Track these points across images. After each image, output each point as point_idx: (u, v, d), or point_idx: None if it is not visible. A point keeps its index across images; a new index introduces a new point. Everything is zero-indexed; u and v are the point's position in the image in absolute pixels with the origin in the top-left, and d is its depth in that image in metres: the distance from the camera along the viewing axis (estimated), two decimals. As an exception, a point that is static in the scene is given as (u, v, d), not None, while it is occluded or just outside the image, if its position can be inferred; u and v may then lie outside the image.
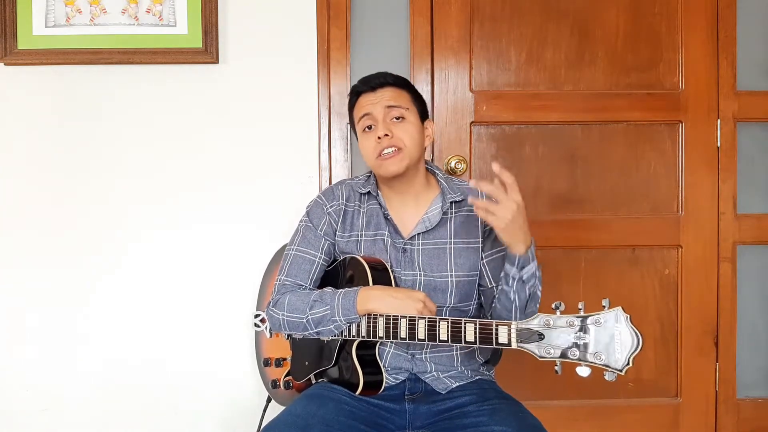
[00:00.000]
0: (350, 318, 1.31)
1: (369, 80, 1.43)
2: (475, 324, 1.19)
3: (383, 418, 1.33)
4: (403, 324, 1.26)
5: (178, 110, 1.91)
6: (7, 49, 1.85)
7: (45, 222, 1.91)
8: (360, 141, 1.43)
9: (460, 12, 1.96)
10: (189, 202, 1.92)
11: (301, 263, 1.43)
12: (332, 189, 1.50)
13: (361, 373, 1.31)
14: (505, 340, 1.15)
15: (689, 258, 2.01)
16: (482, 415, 1.26)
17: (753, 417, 2.04)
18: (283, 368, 1.52)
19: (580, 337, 1.09)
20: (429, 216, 1.42)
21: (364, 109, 1.41)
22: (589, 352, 1.08)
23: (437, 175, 1.48)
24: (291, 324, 1.37)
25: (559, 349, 1.10)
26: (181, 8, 1.87)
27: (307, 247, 1.44)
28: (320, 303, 1.34)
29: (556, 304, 1.13)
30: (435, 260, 1.40)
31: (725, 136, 2.00)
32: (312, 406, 1.26)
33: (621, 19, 1.99)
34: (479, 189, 1.27)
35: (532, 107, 1.98)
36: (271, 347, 1.56)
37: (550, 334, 1.11)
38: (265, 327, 1.56)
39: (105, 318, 1.92)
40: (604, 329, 1.08)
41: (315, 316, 1.34)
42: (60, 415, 1.93)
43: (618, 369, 1.07)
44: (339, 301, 1.32)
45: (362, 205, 1.46)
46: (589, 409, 2.03)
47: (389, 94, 1.40)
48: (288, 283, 1.42)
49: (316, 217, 1.46)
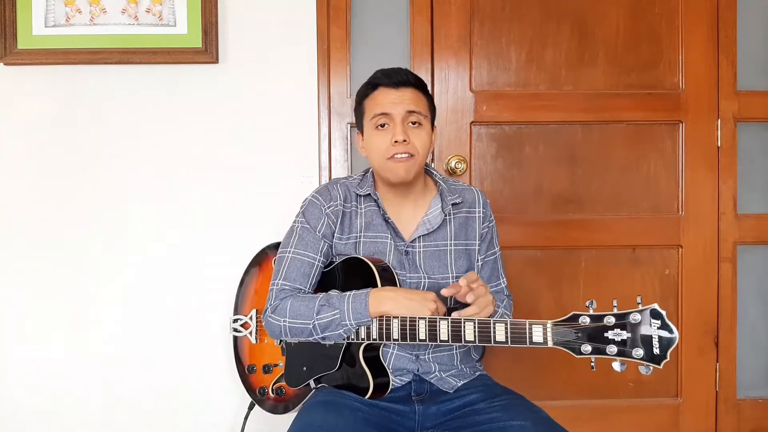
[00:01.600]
0: (361, 321, 1.28)
1: (391, 74, 1.37)
2: (505, 324, 1.20)
3: (394, 421, 1.32)
4: (422, 325, 1.25)
5: (178, 110, 1.91)
6: (7, 49, 1.85)
7: (45, 222, 1.90)
8: (370, 137, 1.39)
9: (460, 12, 1.96)
10: (189, 202, 1.92)
11: (300, 266, 1.38)
12: (327, 189, 1.44)
13: (371, 376, 1.30)
14: (540, 339, 1.18)
15: (689, 258, 2.01)
16: (495, 411, 1.26)
17: (753, 417, 2.04)
18: (273, 375, 1.47)
19: (617, 334, 1.13)
20: (429, 218, 1.42)
21: (382, 107, 1.35)
22: (627, 347, 1.12)
23: (434, 175, 1.47)
24: (294, 330, 1.32)
25: (597, 345, 1.14)
26: (180, 8, 1.87)
27: (305, 249, 1.39)
28: (328, 307, 1.30)
29: (589, 302, 1.16)
30: (436, 262, 1.40)
31: (725, 136, 2.00)
32: (330, 415, 1.22)
33: (621, 19, 1.99)
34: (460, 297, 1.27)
35: (533, 107, 1.98)
36: (257, 353, 1.51)
37: (586, 332, 1.15)
38: (249, 332, 1.52)
39: (105, 318, 1.92)
40: (641, 325, 1.12)
41: (322, 321, 1.29)
42: (60, 415, 1.93)
43: (657, 363, 1.11)
44: (349, 304, 1.28)
45: (359, 206, 1.44)
46: (589, 409, 2.03)
47: (410, 96, 1.36)
48: (287, 287, 1.37)
49: (314, 217, 1.41)
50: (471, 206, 1.46)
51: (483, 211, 1.46)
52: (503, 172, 2.00)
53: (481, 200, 1.47)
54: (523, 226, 1.98)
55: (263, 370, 1.49)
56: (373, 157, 1.39)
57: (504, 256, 1.54)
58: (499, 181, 2.00)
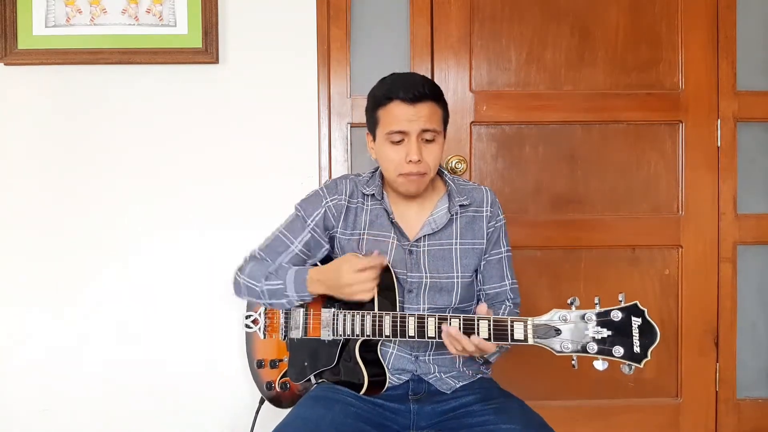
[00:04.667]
0: (303, 296, 1.35)
1: (408, 87, 1.32)
2: (489, 321, 1.20)
3: (387, 418, 1.33)
4: (411, 323, 1.26)
5: (178, 110, 1.91)
6: (7, 49, 1.85)
7: (45, 221, 1.91)
8: (383, 147, 1.37)
9: (460, 12, 1.96)
10: (189, 202, 1.92)
11: (278, 245, 1.45)
12: (335, 182, 1.47)
13: (366, 372, 1.31)
14: (521, 336, 1.17)
15: (689, 258, 2.01)
16: (488, 414, 1.26)
17: (753, 417, 2.04)
18: (279, 370, 1.50)
19: (598, 332, 1.11)
20: (435, 218, 1.42)
21: (399, 125, 1.32)
22: (607, 346, 1.10)
23: (444, 175, 1.47)
24: (250, 291, 1.43)
25: (578, 343, 1.12)
26: (181, 8, 1.87)
27: (289, 233, 1.45)
28: (275, 276, 1.38)
29: (571, 299, 1.15)
30: (441, 261, 1.40)
31: (725, 136, 2.00)
32: (320, 409, 1.25)
33: (621, 19, 1.99)
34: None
35: (533, 107, 1.98)
36: (265, 349, 1.54)
37: (567, 329, 1.13)
38: (258, 328, 1.54)
39: (105, 317, 1.92)
40: (622, 323, 1.10)
41: (269, 287, 1.38)
42: (60, 416, 1.93)
43: (637, 362, 1.08)
44: (291, 278, 1.36)
45: (365, 202, 1.44)
46: (589, 409, 2.03)
47: (426, 113, 1.32)
48: (258, 256, 1.47)
49: (311, 207, 1.44)
50: (479, 205, 1.44)
51: (491, 210, 1.44)
52: (503, 172, 2.00)
53: (489, 199, 1.45)
54: (523, 226, 1.98)
55: (270, 365, 1.52)
56: (384, 166, 1.39)
57: (505, 256, 1.54)
58: (499, 181, 2.00)
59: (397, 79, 1.37)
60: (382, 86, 1.37)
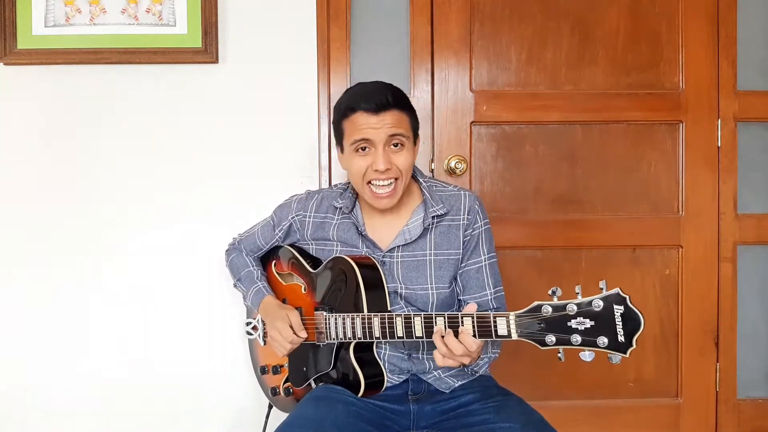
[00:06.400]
0: (256, 309, 1.51)
1: (370, 97, 1.30)
2: (472, 317, 1.17)
3: (388, 419, 1.32)
4: (399, 323, 1.25)
5: (178, 110, 1.91)
6: (7, 48, 1.85)
7: (45, 221, 1.90)
8: (350, 157, 1.35)
9: (460, 12, 1.96)
10: (189, 202, 1.92)
11: (254, 241, 1.59)
12: (309, 195, 1.52)
13: (361, 374, 1.31)
14: (504, 332, 1.13)
15: (689, 258, 2.01)
16: (487, 413, 1.26)
17: (753, 417, 2.04)
18: (281, 375, 1.50)
19: (580, 322, 1.06)
20: (410, 227, 1.39)
21: (362, 133, 1.30)
22: (591, 336, 1.05)
23: (421, 183, 1.43)
24: (230, 275, 1.63)
25: (561, 336, 1.07)
26: (180, 8, 1.87)
27: (261, 236, 1.58)
28: (242, 283, 1.56)
29: (552, 289, 1.10)
30: (414, 273, 1.37)
31: (725, 136, 2.00)
32: (322, 408, 1.24)
33: (621, 19, 1.99)
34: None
35: (533, 107, 1.98)
36: (266, 355, 1.54)
37: (550, 322, 1.08)
38: (258, 335, 1.54)
39: (105, 318, 1.92)
40: (604, 312, 1.05)
41: (237, 286, 1.59)
42: (60, 416, 1.93)
43: (622, 352, 1.03)
44: (252, 293, 1.51)
45: (336, 216, 1.45)
46: (589, 409, 2.03)
47: (391, 120, 1.30)
48: (239, 246, 1.62)
49: (282, 215, 1.53)
50: (456, 213, 1.39)
51: (468, 217, 1.39)
52: (503, 172, 2.00)
53: (467, 206, 1.39)
54: (523, 226, 1.98)
55: (273, 371, 1.53)
56: (352, 176, 1.38)
57: (504, 256, 1.53)
58: (499, 181, 2.00)
59: (361, 89, 1.35)
60: (346, 97, 1.36)
